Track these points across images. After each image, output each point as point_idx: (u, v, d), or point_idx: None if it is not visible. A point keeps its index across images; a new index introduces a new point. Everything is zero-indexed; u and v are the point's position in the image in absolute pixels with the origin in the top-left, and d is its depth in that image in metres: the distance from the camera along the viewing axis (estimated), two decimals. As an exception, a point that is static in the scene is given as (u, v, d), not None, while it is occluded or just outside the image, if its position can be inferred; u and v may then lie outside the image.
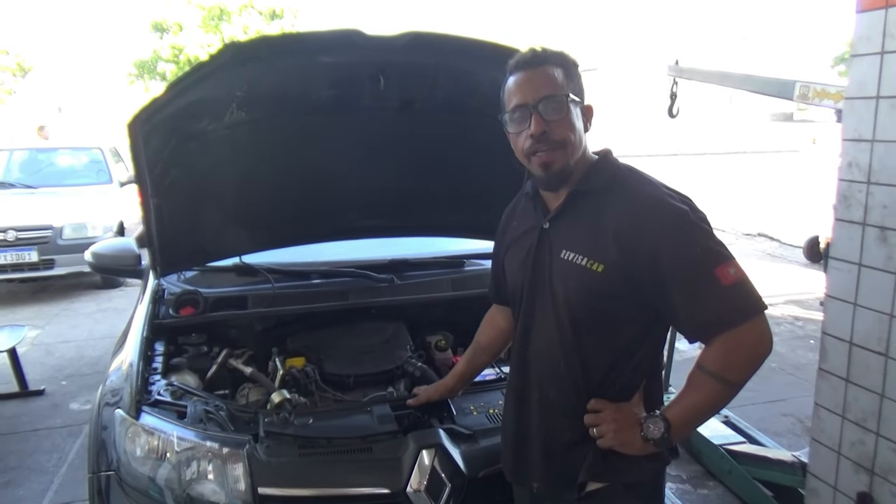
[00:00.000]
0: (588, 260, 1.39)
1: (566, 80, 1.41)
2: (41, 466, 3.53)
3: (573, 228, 1.45)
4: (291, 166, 2.45)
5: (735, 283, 1.31)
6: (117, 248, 2.93)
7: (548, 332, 1.48)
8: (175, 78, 1.99)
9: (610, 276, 1.37)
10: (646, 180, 1.44)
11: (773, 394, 4.24)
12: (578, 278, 1.40)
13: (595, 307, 1.41)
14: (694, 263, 1.32)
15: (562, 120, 1.39)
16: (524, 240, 1.56)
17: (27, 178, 7.74)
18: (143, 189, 2.22)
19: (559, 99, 1.38)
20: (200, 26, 20.43)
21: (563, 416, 1.49)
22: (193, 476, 1.80)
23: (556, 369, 1.48)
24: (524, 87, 1.41)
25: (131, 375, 2.07)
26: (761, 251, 8.72)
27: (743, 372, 1.34)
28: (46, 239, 6.60)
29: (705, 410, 1.43)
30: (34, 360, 5.08)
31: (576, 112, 1.41)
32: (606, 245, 1.37)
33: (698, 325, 1.36)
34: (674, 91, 3.98)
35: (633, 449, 1.41)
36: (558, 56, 1.44)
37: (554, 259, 1.46)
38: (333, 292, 2.62)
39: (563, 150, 1.40)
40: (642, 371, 1.48)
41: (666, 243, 1.33)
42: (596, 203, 1.42)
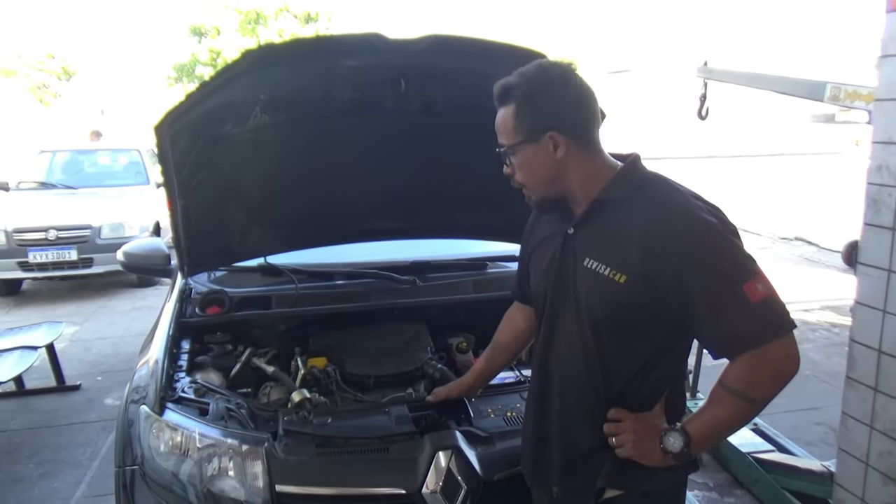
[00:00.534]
0: (611, 270, 1.37)
1: (515, 121, 1.40)
2: (75, 459, 3.63)
3: (596, 236, 1.43)
4: (315, 168, 2.48)
5: (763, 300, 1.27)
6: (148, 248, 3.00)
7: (570, 338, 1.47)
8: (201, 82, 2.03)
9: (632, 287, 1.34)
10: (673, 189, 1.40)
11: (806, 402, 4.14)
12: (601, 288, 1.38)
13: (617, 317, 1.39)
14: (722, 278, 1.29)
15: (517, 167, 1.45)
16: (549, 243, 1.55)
17: (68, 178, 7.97)
18: (171, 190, 2.27)
19: (506, 151, 1.45)
20: (237, 30, 20.81)
21: (583, 423, 1.48)
22: (214, 472, 1.83)
23: (578, 376, 1.46)
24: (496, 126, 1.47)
25: (156, 372, 2.12)
26: (798, 256, 8.52)
27: (767, 391, 1.31)
28: (85, 238, 6.79)
29: (727, 427, 1.40)
30: (72, 356, 5.22)
31: (530, 153, 1.41)
32: (630, 255, 1.34)
33: (724, 342, 1.33)
34: (703, 93, 3.91)
35: (652, 460, 1.40)
36: (517, 87, 1.40)
37: (578, 266, 1.44)
38: (356, 293, 2.65)
39: (528, 189, 1.48)
40: (665, 381, 1.46)
41: (693, 256, 1.29)
42: (620, 211, 1.39)
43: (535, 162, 1.42)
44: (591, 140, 1.43)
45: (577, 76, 1.42)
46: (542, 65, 1.43)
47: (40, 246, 6.67)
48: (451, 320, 2.76)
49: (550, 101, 1.39)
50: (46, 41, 28.40)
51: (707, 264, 1.29)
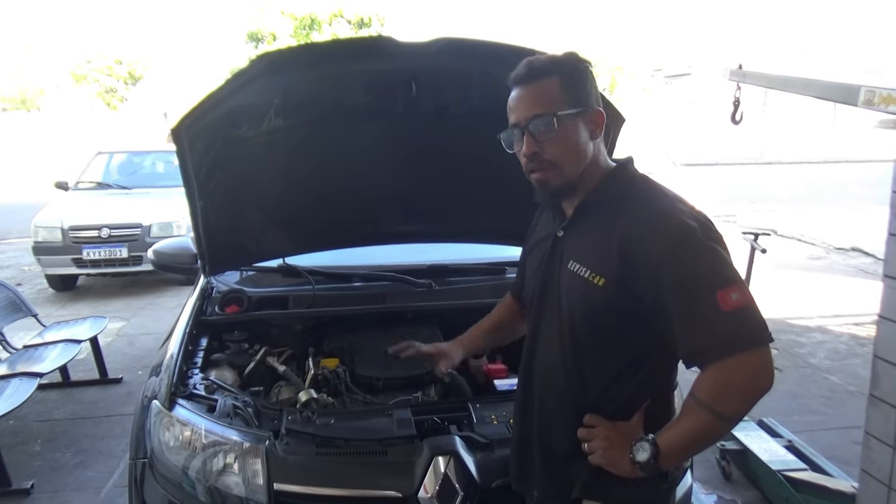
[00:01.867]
0: (591, 272, 1.35)
1: (562, 92, 1.35)
2: (110, 450, 3.76)
3: (582, 239, 1.42)
4: (329, 171, 2.51)
5: (736, 310, 1.21)
6: (176, 247, 3.08)
7: (551, 342, 1.47)
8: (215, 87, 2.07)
9: (609, 291, 1.32)
10: (659, 193, 1.37)
11: (846, 419, 3.96)
12: (581, 291, 1.37)
13: (595, 321, 1.37)
14: (694, 284, 1.24)
15: (553, 140, 1.34)
16: (541, 246, 1.55)
17: (123, 179, 8.28)
18: (190, 192, 2.33)
19: (548, 118, 1.33)
20: (292, 35, 21.28)
21: (560, 427, 1.47)
22: (219, 468, 1.86)
23: (556, 380, 1.46)
24: (517, 105, 1.39)
25: (170, 368, 2.17)
26: (853, 267, 8.16)
27: (734, 405, 1.25)
28: (136, 237, 7.05)
29: (696, 441, 1.33)
30: (117, 350, 5.42)
31: (573, 126, 1.35)
32: (610, 258, 1.32)
33: (693, 350, 1.27)
34: (737, 96, 3.79)
35: (621, 470, 1.36)
36: (557, 65, 1.37)
37: (563, 269, 1.43)
38: (371, 295, 2.67)
39: (556, 169, 1.37)
40: (646, 390, 1.42)
41: (668, 260, 1.25)
42: (605, 214, 1.37)
43: (576, 135, 1.36)
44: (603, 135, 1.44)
45: None
46: (573, 54, 1.42)
47: (94, 243, 6.96)
48: (467, 324, 2.73)
49: (592, 85, 1.40)
50: (114, 47, 29.63)
51: (681, 268, 1.25)
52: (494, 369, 2.49)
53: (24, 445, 3.84)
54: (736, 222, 10.66)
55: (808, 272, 7.84)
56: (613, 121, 2.28)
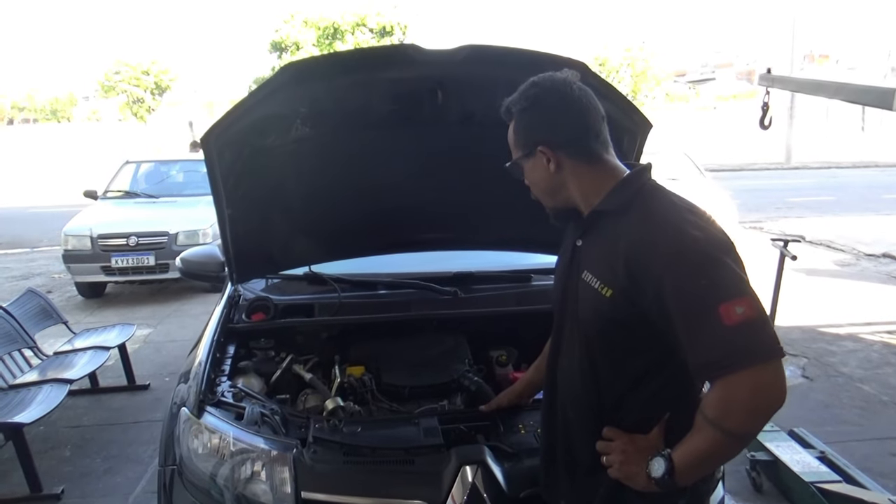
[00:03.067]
0: (600, 283, 1.35)
1: (515, 137, 1.48)
2: (138, 456, 3.80)
3: (594, 249, 1.42)
4: (355, 180, 2.51)
5: (741, 323, 1.16)
6: (204, 255, 3.10)
7: (570, 351, 1.48)
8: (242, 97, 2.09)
9: (616, 302, 1.31)
10: (667, 202, 1.34)
11: (883, 430, 3.87)
12: (591, 301, 1.38)
13: (605, 331, 1.37)
14: (697, 297, 1.20)
15: (527, 180, 1.51)
16: (564, 254, 1.56)
17: (150, 188, 8.43)
18: (219, 200, 2.35)
19: (513, 166, 1.51)
20: (315, 45, 21.48)
21: (582, 438, 1.47)
22: (247, 476, 1.87)
23: (575, 390, 1.47)
24: None
25: (198, 376, 2.19)
26: (885, 274, 7.98)
27: (742, 422, 1.21)
28: (163, 245, 7.16)
29: (707, 458, 1.29)
30: (144, 357, 5.49)
31: (530, 167, 1.47)
32: (617, 269, 1.31)
33: (698, 365, 1.24)
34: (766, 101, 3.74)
35: (637, 484, 1.34)
36: (514, 101, 1.46)
37: (579, 279, 1.44)
38: (397, 303, 2.67)
39: (542, 201, 1.52)
40: (663, 402, 1.39)
41: (670, 272, 1.22)
42: (613, 224, 1.37)
43: (533, 175, 1.48)
44: (588, 151, 1.41)
45: (573, 88, 1.40)
46: (535, 80, 1.43)
47: (122, 251, 7.08)
48: (493, 333, 2.72)
49: (541, 116, 1.42)
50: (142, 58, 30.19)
51: (683, 281, 1.22)
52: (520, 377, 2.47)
53: (54, 451, 3.90)
54: (763, 229, 10.51)
55: (839, 279, 7.70)
56: (640, 127, 2.26)
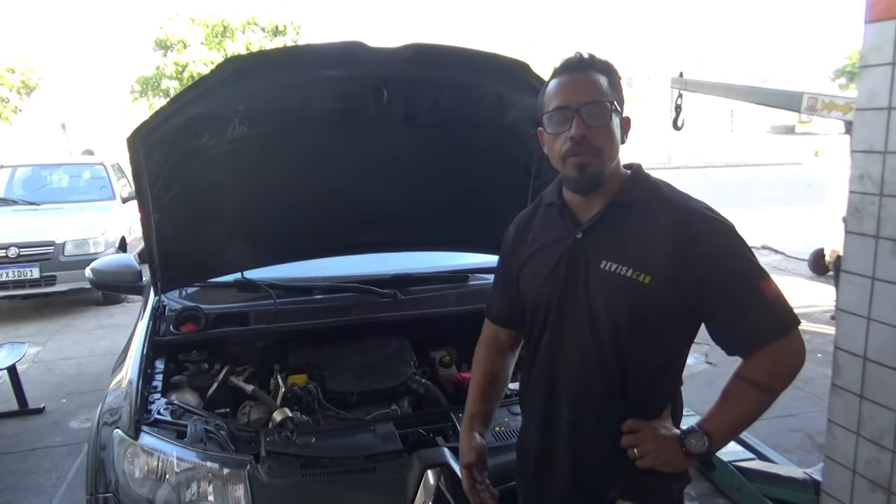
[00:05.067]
0: (634, 271, 1.36)
1: (610, 89, 1.40)
2: (40, 486, 3.48)
3: (613, 239, 1.40)
4: (294, 181, 2.43)
5: (776, 297, 1.35)
6: (118, 265, 2.90)
7: (581, 348, 1.42)
8: (176, 93, 1.97)
9: (657, 287, 1.35)
10: (685, 195, 1.45)
11: (781, 409, 4.16)
12: (622, 290, 1.37)
13: (639, 318, 1.38)
14: (743, 276, 1.35)
15: (602, 127, 1.37)
16: (549, 252, 1.49)
17: (30, 194, 7.75)
18: (144, 204, 2.21)
19: (603, 105, 1.37)
20: (204, 43, 20.60)
21: (596, 434, 1.45)
22: (193, 497, 1.76)
23: (591, 386, 1.43)
24: (568, 89, 1.39)
25: (130, 394, 2.04)
26: (766, 264, 8.34)
27: (786, 382, 1.38)
28: (48, 255, 6.58)
29: (747, 421, 1.42)
30: (35, 378, 5.03)
31: (616, 121, 1.40)
32: (655, 255, 1.35)
33: (745, 337, 1.37)
34: (678, 103, 3.96)
35: (677, 465, 1.40)
36: (605, 64, 1.42)
37: (591, 270, 1.41)
38: (336, 308, 2.60)
39: (598, 156, 1.37)
40: (676, 386, 1.49)
41: (717, 256, 1.34)
42: (636, 213, 1.40)
43: (618, 130, 1.41)
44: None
45: None
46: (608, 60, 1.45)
47: (1, 264, 6.45)
48: (434, 334, 2.71)
49: (622, 91, 1.45)
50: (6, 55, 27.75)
51: (731, 262, 1.35)
52: (467, 377, 2.47)
53: (-62, 487, 3.50)
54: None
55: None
56: None
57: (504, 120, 2.37)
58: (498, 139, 2.44)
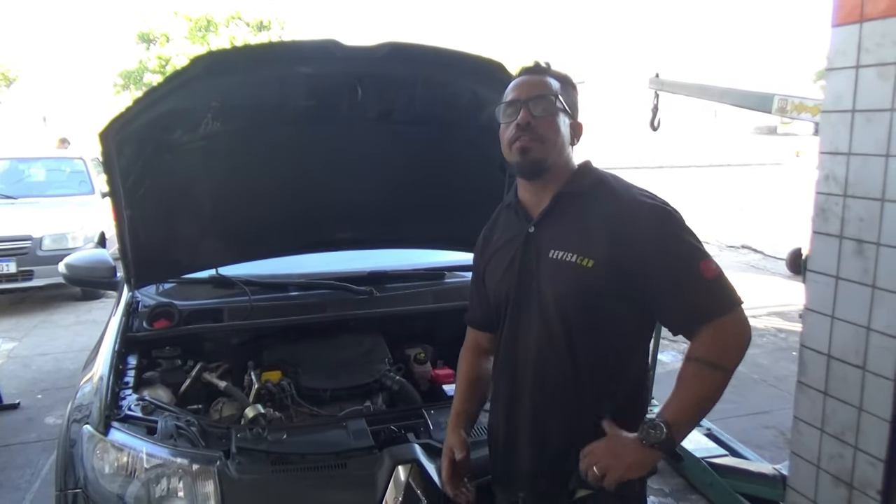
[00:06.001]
0: (578, 256, 1.43)
1: (561, 92, 1.51)
2: (13, 482, 3.45)
3: (561, 228, 1.49)
4: (269, 177, 2.43)
5: (717, 277, 1.40)
6: (92, 260, 2.88)
7: (536, 334, 1.49)
8: (148, 88, 1.96)
9: (599, 271, 1.41)
10: (630, 185, 1.52)
11: (755, 406, 4.24)
12: (568, 275, 1.44)
13: (585, 303, 1.44)
14: (681, 259, 1.40)
15: (548, 118, 1.47)
16: (507, 248, 1.58)
17: (7, 188, 7.62)
18: (117, 200, 2.20)
19: (549, 99, 1.48)
20: (187, 37, 20.43)
21: (555, 420, 1.49)
22: (163, 494, 1.76)
23: (547, 372, 1.49)
24: (521, 86, 1.52)
25: (101, 390, 2.03)
26: (745, 263, 8.76)
27: (736, 358, 1.41)
28: (25, 250, 6.50)
29: (703, 402, 1.41)
30: (10, 374, 4.98)
31: (563, 119, 1.50)
32: (597, 241, 1.42)
33: (685, 317, 1.42)
34: (655, 104, 4.00)
35: (644, 465, 1.37)
36: (558, 73, 1.55)
37: (542, 260, 1.48)
38: (311, 305, 2.60)
39: (542, 143, 1.47)
40: (637, 375, 1.53)
41: (655, 239, 1.40)
42: (583, 203, 1.48)
43: (564, 126, 1.50)
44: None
45: None
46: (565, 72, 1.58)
47: (-25, 258, 6.37)
48: (409, 331, 2.72)
49: (575, 98, 1.57)
50: (-15, 46, 27.33)
51: (669, 246, 1.40)
52: (442, 374, 2.50)
53: None
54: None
55: (704, 269, 8.33)
56: None
57: (479, 118, 2.38)
58: (473, 137, 2.44)
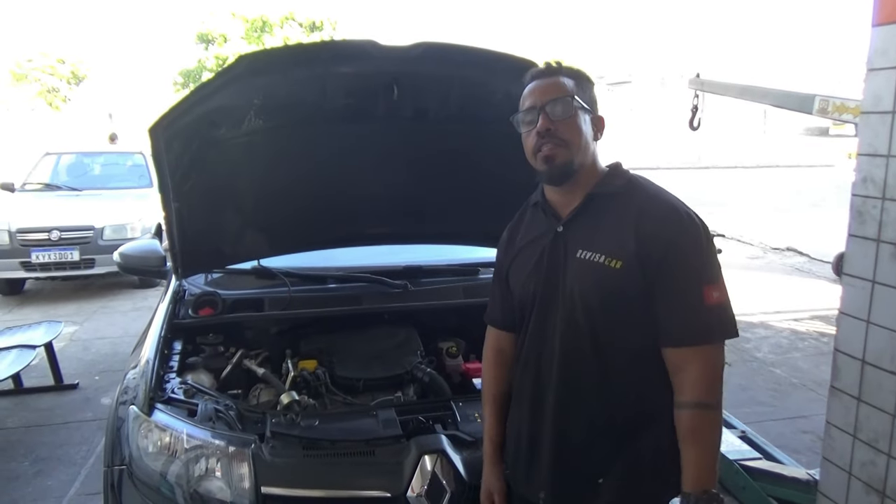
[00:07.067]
0: (606, 257, 1.43)
1: (576, 89, 1.49)
2: (70, 458, 3.66)
3: (590, 229, 1.48)
4: (308, 173, 2.51)
5: (718, 304, 1.39)
6: (144, 250, 3.02)
7: (562, 333, 1.49)
8: (195, 86, 2.05)
9: (627, 272, 1.41)
10: (662, 189, 1.52)
11: (793, 410, 4.14)
12: (596, 275, 1.44)
13: (611, 304, 1.44)
14: (688, 273, 1.40)
15: (567, 121, 1.46)
16: (533, 247, 1.57)
17: (73, 181, 8.03)
18: (165, 193, 2.31)
19: (565, 101, 1.46)
20: (243, 38, 20.95)
21: (579, 417, 1.49)
22: (201, 473, 1.84)
23: (572, 371, 1.48)
24: (535, 91, 1.50)
25: (147, 373, 2.14)
26: (789, 266, 8.51)
27: (717, 391, 1.40)
28: (88, 239, 6.83)
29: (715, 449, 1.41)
30: (71, 356, 5.26)
31: (583, 117, 1.48)
32: (626, 243, 1.42)
33: (674, 332, 1.41)
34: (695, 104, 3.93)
35: None
36: (571, 70, 1.53)
37: (569, 259, 1.48)
38: (348, 297, 2.67)
39: (566, 147, 1.45)
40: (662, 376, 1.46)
41: (671, 246, 1.40)
42: (614, 205, 1.48)
43: (585, 125, 1.49)
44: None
45: None
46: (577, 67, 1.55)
47: (43, 246, 6.72)
48: (442, 325, 2.77)
49: (592, 92, 1.54)
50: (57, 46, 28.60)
51: (685, 255, 1.41)
52: (472, 368, 2.53)
53: (-24, 456, 3.69)
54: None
55: (749, 271, 8.14)
56: None
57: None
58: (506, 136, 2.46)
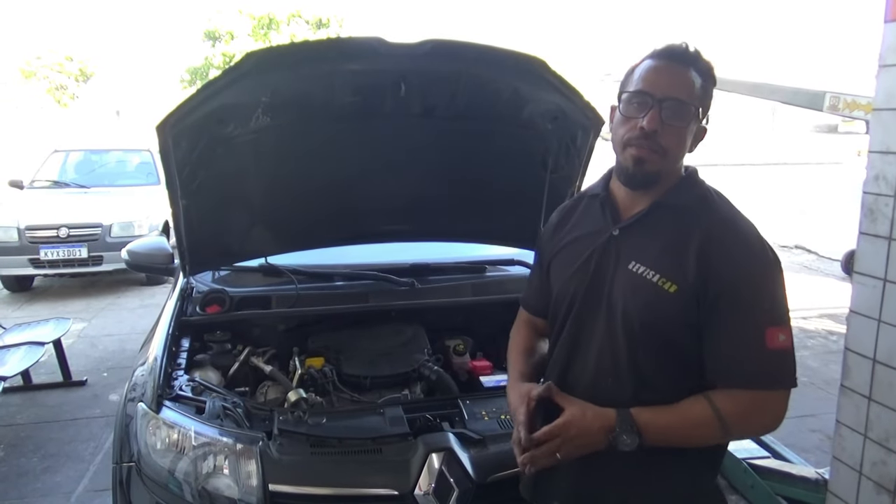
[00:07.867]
0: (661, 277, 1.30)
1: (701, 93, 1.31)
2: (79, 454, 3.68)
3: (648, 241, 1.35)
4: (315, 171, 2.50)
5: (780, 350, 1.26)
6: (151, 247, 3.02)
7: (599, 344, 1.38)
8: (203, 83, 2.05)
9: (680, 299, 1.28)
10: (738, 211, 1.37)
11: (802, 409, 4.11)
12: (646, 294, 1.31)
13: (655, 327, 1.31)
14: (752, 312, 1.27)
15: (677, 129, 1.29)
16: (583, 243, 1.45)
17: (81, 178, 8.07)
18: (173, 190, 2.31)
19: (687, 107, 1.29)
20: (250, 35, 20.97)
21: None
22: (209, 470, 1.85)
23: (604, 384, 1.37)
24: (659, 76, 1.30)
25: (155, 370, 2.14)
26: (798, 264, 8.47)
27: (745, 432, 1.34)
28: (96, 236, 6.87)
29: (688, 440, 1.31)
30: (79, 352, 5.29)
31: (692, 128, 1.32)
32: (685, 266, 1.28)
33: (723, 369, 1.29)
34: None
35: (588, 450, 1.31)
36: (706, 64, 1.32)
37: (619, 269, 1.36)
38: (355, 294, 2.67)
39: (661, 155, 1.30)
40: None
41: (738, 277, 1.27)
42: (679, 219, 1.34)
43: (689, 136, 1.33)
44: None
45: None
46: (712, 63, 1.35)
47: (51, 243, 6.76)
48: (449, 323, 2.76)
49: (712, 99, 1.36)
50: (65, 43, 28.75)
51: (750, 289, 1.27)
52: (479, 366, 2.53)
53: (-14, 451, 3.72)
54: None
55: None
56: (594, 123, 2.34)
57: (521, 115, 2.40)
58: (515, 133, 2.47)
